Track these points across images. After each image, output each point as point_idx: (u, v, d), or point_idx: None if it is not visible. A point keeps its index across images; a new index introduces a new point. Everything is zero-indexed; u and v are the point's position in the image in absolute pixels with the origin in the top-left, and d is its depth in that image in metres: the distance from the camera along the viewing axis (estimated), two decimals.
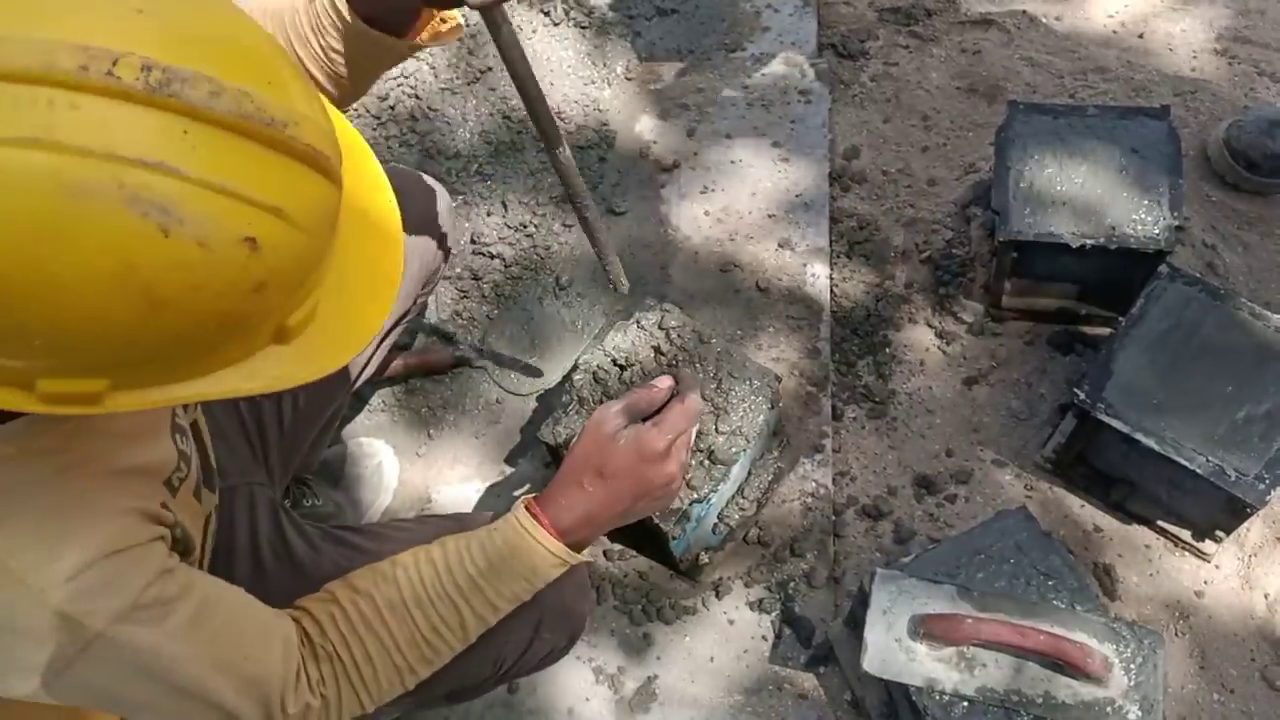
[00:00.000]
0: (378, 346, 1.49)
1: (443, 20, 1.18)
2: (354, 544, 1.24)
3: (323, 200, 0.73)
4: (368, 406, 1.85)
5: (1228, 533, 1.56)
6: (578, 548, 1.09)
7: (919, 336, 1.90)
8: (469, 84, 2.19)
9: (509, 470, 1.78)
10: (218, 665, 0.88)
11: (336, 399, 1.46)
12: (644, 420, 1.12)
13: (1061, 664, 1.27)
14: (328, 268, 0.78)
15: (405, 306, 1.49)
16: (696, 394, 1.15)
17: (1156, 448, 1.45)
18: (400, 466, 1.78)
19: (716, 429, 1.50)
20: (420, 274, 1.48)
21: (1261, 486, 1.41)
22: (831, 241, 1.98)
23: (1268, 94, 2.10)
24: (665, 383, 1.16)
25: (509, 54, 1.14)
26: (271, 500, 1.27)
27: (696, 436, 1.49)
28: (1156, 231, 1.64)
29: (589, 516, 1.09)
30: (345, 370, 1.43)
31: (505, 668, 1.20)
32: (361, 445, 1.76)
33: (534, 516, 1.07)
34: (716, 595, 1.63)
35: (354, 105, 2.15)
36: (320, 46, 1.12)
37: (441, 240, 1.51)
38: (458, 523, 1.17)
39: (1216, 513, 1.52)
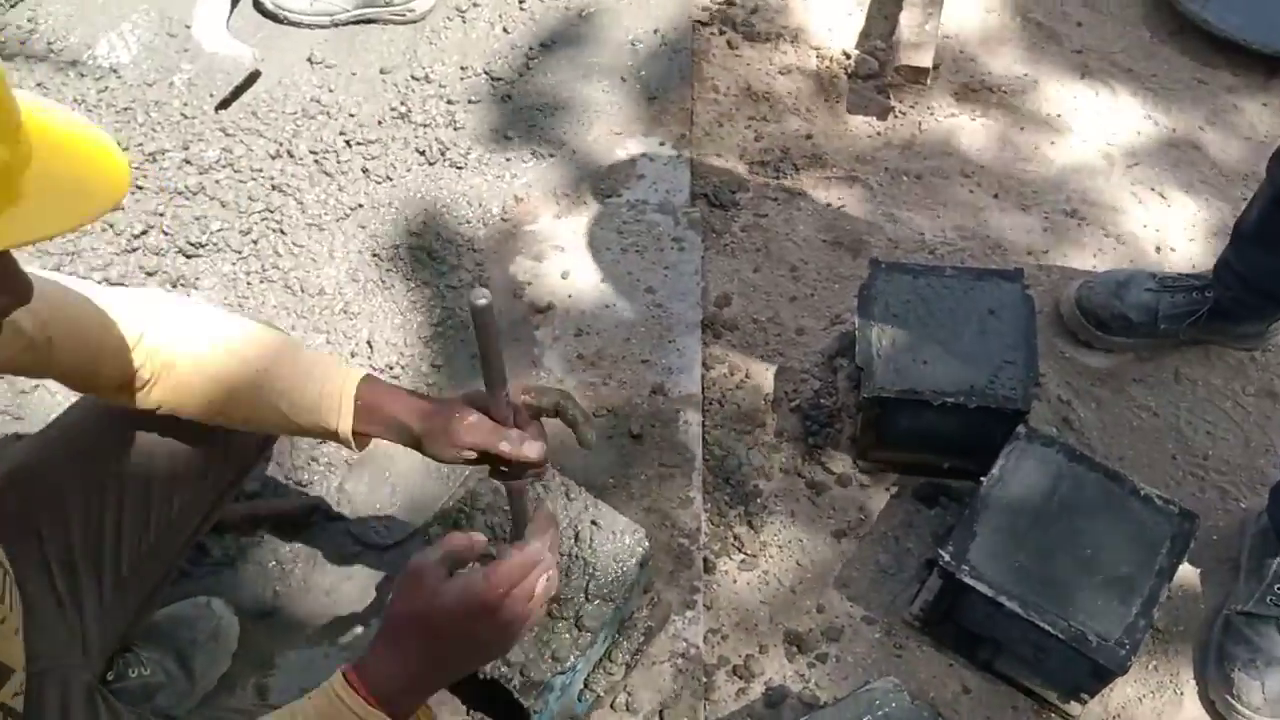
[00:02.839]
0: (217, 501, 1.39)
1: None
2: None
3: None
4: (206, 559, 1.72)
5: (1092, 695, 1.56)
6: (404, 716, 0.99)
7: (790, 486, 1.89)
8: (338, 220, 2.15)
9: (360, 630, 1.67)
10: None
11: (165, 566, 1.35)
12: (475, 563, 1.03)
13: None
14: None
15: (246, 463, 1.40)
16: (545, 540, 1.07)
17: (1020, 612, 1.46)
18: (241, 628, 1.65)
19: (586, 595, 1.44)
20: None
21: (1122, 652, 1.42)
22: (704, 388, 1.98)
23: (1114, 253, 2.23)
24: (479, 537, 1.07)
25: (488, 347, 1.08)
26: (88, 685, 1.15)
27: (562, 603, 1.43)
28: (1013, 391, 1.69)
29: (414, 681, 0.99)
30: (173, 535, 1.33)
31: None
32: (197, 605, 1.62)
33: (351, 686, 0.97)
34: None
35: (216, 238, 2.08)
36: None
37: None
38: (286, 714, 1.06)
39: (1080, 675, 1.53)
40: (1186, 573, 1.77)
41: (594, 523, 1.51)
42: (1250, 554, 1.74)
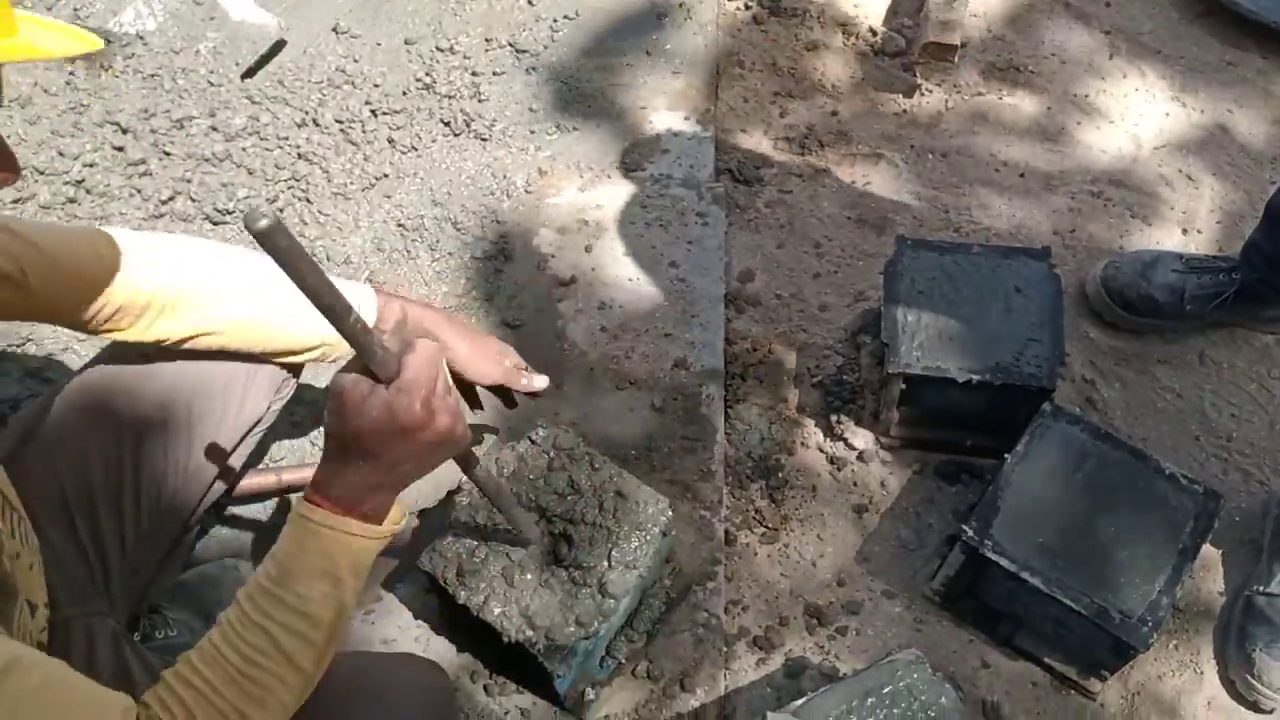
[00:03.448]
0: (226, 459, 1.41)
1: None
2: None
3: None
4: (234, 524, 1.73)
5: (1112, 672, 1.57)
6: (374, 518, 1.04)
7: (811, 461, 1.89)
8: (363, 190, 2.15)
9: (385, 595, 1.68)
10: None
11: (184, 517, 1.36)
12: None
13: None
14: None
15: (257, 414, 1.41)
16: (423, 341, 1.04)
17: (1043, 587, 1.46)
18: None
19: (610, 562, 1.45)
20: (271, 379, 1.41)
21: (1145, 629, 1.43)
22: (726, 363, 1.98)
23: (1140, 235, 2.21)
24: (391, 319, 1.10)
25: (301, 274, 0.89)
26: (113, 631, 1.17)
27: (586, 570, 1.44)
28: (1039, 369, 1.68)
29: (373, 486, 1.02)
30: (191, 485, 1.35)
31: None
32: (225, 567, 1.64)
33: (313, 504, 1.00)
34: None
35: (243, 205, 2.09)
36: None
37: None
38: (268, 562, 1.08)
39: (1101, 652, 1.53)
40: (1208, 553, 1.77)
41: (618, 493, 1.52)
42: (1273, 535, 1.74)
